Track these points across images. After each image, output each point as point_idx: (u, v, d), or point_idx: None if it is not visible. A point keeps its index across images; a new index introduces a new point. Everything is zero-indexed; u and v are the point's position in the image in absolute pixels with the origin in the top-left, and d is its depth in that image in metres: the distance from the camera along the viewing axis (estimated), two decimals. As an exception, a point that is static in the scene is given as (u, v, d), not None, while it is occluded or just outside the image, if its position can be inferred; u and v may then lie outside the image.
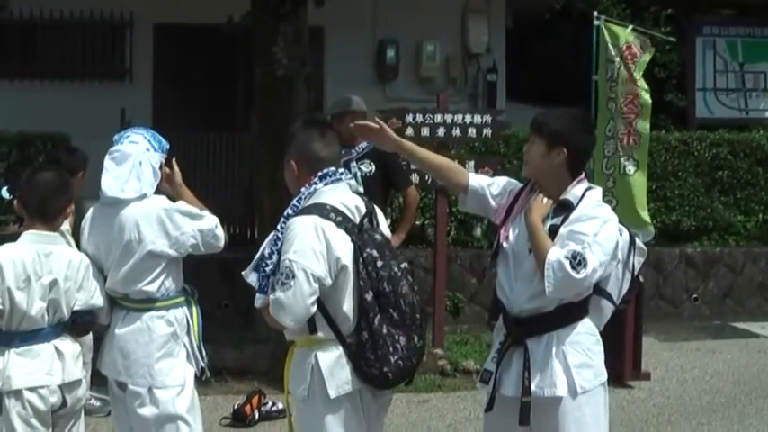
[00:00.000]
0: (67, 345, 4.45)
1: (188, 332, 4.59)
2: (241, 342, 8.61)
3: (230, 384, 7.93)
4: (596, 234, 3.95)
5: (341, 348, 3.93)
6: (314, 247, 3.84)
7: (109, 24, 13.26)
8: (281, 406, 7.13)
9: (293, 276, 3.81)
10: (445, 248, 9.19)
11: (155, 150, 4.62)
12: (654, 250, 11.22)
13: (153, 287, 4.50)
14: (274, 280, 3.91)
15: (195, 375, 4.66)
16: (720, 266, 12.07)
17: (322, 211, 3.93)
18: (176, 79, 13.06)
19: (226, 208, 11.81)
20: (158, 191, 4.62)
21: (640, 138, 8.11)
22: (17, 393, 4.33)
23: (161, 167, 4.64)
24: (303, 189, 4.03)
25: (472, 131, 8.71)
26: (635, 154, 8.23)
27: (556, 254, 3.90)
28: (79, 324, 4.51)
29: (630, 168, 8.30)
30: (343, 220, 3.95)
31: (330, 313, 3.92)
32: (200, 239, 4.53)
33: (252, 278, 4.02)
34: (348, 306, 3.93)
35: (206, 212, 4.62)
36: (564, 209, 4.07)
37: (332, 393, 3.89)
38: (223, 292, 9.88)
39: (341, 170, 4.11)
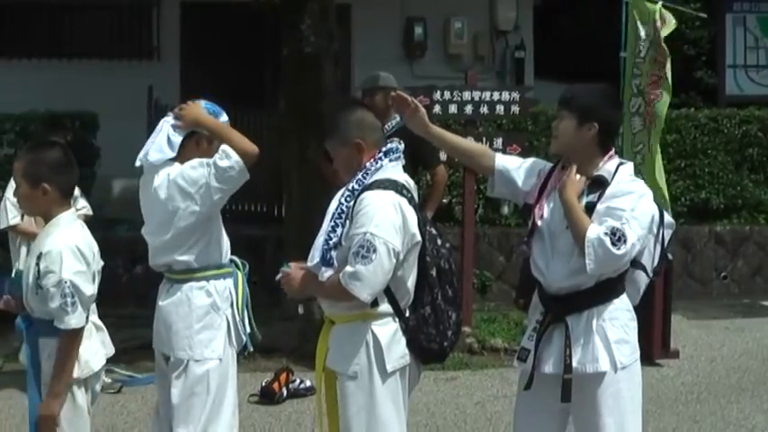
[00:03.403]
0: (98, 320, 4.38)
1: (232, 305, 4.54)
2: (269, 320, 8.57)
3: (258, 362, 7.94)
4: (633, 209, 3.96)
5: (397, 322, 3.94)
6: (394, 222, 3.85)
7: (136, 3, 13.29)
8: (308, 383, 7.15)
9: (374, 250, 3.79)
10: (473, 226, 9.16)
11: None
12: (683, 228, 11.15)
13: (191, 256, 4.42)
14: (350, 255, 3.84)
15: (237, 350, 4.59)
16: (750, 244, 11.98)
17: (396, 186, 3.94)
18: (203, 57, 13.08)
19: (252, 186, 11.84)
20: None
21: (656, 119, 7.99)
22: (97, 375, 4.26)
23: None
24: (368, 164, 4.00)
25: (500, 108, 8.69)
26: (651, 134, 8.12)
27: (595, 231, 3.91)
28: None
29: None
30: (411, 197, 3.99)
31: (391, 288, 3.92)
32: (215, 181, 4.30)
33: (316, 255, 3.96)
34: (411, 282, 3.96)
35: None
36: (598, 185, 4.06)
37: (389, 367, 3.91)
38: (250, 269, 9.85)
39: (402, 147, 4.11)
